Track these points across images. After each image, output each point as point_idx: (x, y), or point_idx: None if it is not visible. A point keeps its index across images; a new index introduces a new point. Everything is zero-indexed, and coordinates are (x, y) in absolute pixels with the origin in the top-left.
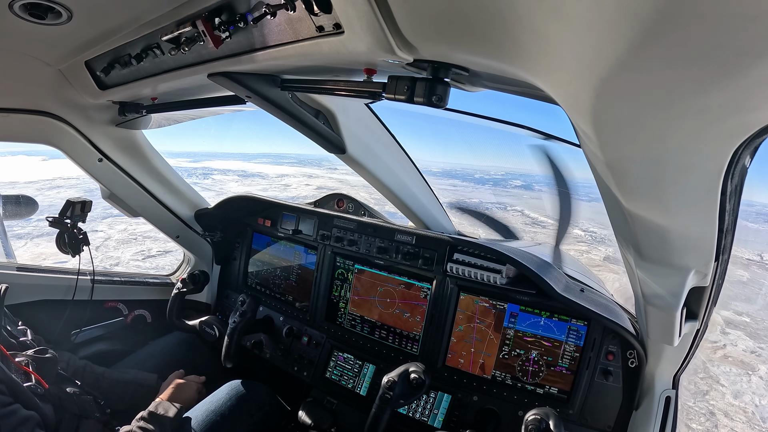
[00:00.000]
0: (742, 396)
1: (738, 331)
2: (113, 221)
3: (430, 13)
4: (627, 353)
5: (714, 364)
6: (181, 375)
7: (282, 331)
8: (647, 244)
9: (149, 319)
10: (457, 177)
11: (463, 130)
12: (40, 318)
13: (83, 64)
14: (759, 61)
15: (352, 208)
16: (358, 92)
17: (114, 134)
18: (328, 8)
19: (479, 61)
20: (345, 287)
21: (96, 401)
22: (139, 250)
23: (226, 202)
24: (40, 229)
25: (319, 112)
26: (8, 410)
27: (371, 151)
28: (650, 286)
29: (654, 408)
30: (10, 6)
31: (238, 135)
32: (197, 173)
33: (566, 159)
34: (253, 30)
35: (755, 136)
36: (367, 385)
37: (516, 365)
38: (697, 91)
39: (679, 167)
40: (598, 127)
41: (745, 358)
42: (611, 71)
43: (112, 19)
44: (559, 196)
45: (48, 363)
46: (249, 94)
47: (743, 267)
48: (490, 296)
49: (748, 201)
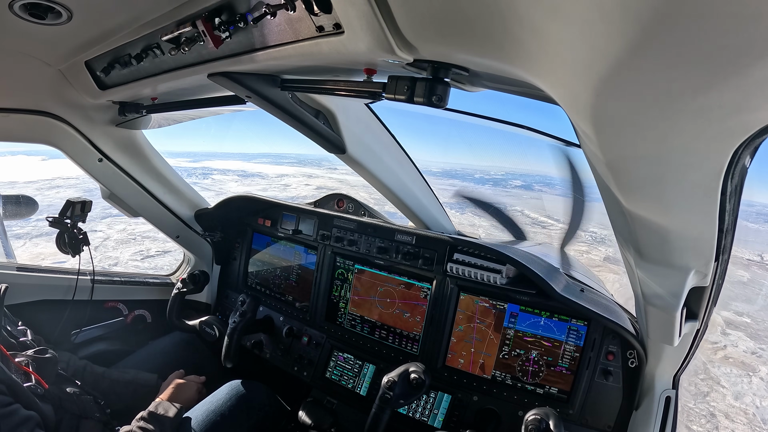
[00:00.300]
0: (743, 397)
1: (738, 332)
2: (112, 221)
3: (430, 13)
4: (627, 353)
5: (714, 365)
6: (181, 375)
7: (282, 331)
8: (647, 244)
9: (149, 319)
10: (457, 177)
11: (463, 130)
12: (40, 318)
13: (83, 64)
14: (759, 61)
15: (352, 208)
16: (358, 92)
17: (114, 134)
18: (328, 8)
19: (479, 61)
20: (345, 287)
21: (96, 401)
22: (137, 250)
23: (226, 202)
24: (39, 229)
25: (319, 112)
26: (8, 410)
27: (371, 151)
28: (650, 286)
29: (654, 408)
30: (10, 6)
31: (238, 135)
32: (197, 173)
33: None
34: (253, 30)
35: (755, 136)
36: (367, 385)
37: (516, 365)
38: (697, 91)
39: (679, 167)
40: (598, 127)
41: (746, 359)
42: (611, 71)
43: (112, 19)
44: (573, 201)
45: (48, 363)
46: (249, 94)
47: (744, 267)
48: (490, 296)
49: (748, 201)
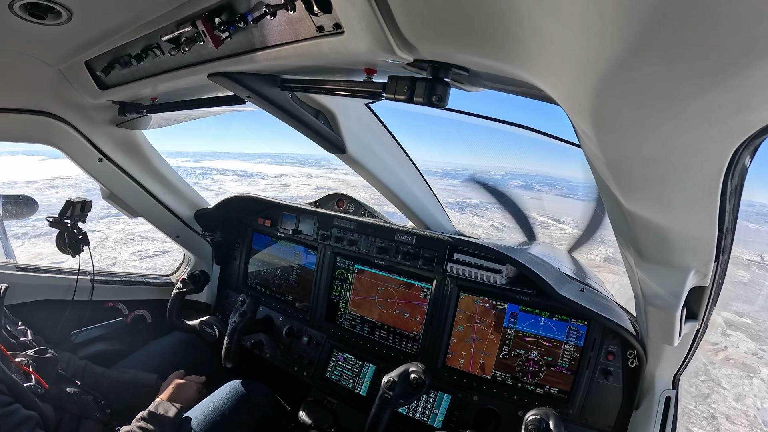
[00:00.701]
0: (744, 399)
1: (739, 332)
2: (111, 221)
3: (430, 13)
4: (627, 353)
5: (715, 366)
6: (181, 375)
7: (282, 331)
8: (647, 244)
9: (149, 319)
10: (457, 177)
11: (463, 130)
12: (40, 318)
13: (83, 64)
14: (759, 61)
15: (352, 208)
16: (358, 92)
17: (114, 134)
18: (328, 8)
19: (479, 61)
20: (345, 287)
21: (96, 401)
22: (136, 251)
23: (226, 202)
24: (37, 229)
25: (319, 112)
26: (8, 410)
27: (371, 151)
28: (650, 286)
29: (654, 408)
30: (10, 6)
31: (239, 135)
32: (196, 173)
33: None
34: (253, 30)
35: (755, 136)
36: (367, 385)
37: (516, 365)
38: (697, 91)
39: (679, 167)
40: (597, 127)
41: (747, 361)
42: (611, 71)
43: (112, 19)
44: (593, 214)
45: (48, 363)
46: (249, 94)
47: (744, 268)
48: (490, 296)
49: (749, 201)
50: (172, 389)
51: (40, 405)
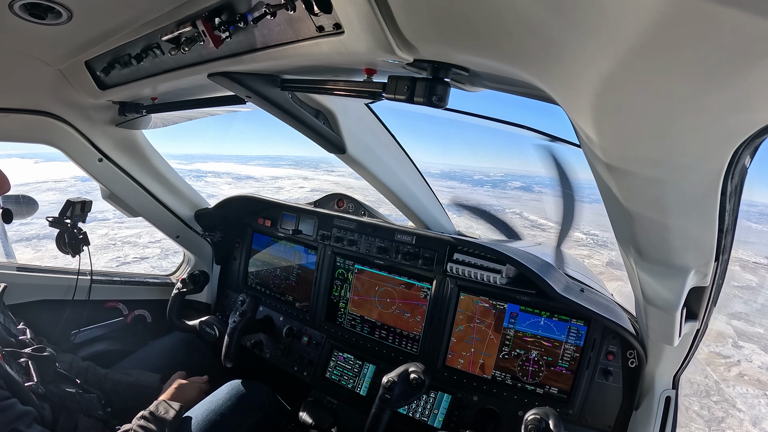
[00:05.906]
0: (762, 422)
1: (752, 344)
2: (96, 225)
3: (430, 13)
4: (627, 353)
5: (729, 384)
6: (184, 376)
7: (282, 331)
8: (647, 244)
9: (149, 319)
10: (456, 179)
11: (463, 130)
12: (40, 318)
13: (83, 64)
14: (759, 61)
15: (352, 208)
16: (358, 92)
17: (114, 134)
18: (328, 8)
19: (479, 61)
20: (345, 287)
21: (98, 399)
22: (115, 257)
23: (226, 202)
24: (32, 229)
25: (319, 112)
26: (5, 404)
27: (371, 151)
28: (650, 286)
29: (654, 408)
30: (10, 6)
31: (238, 137)
32: (191, 175)
33: (571, 160)
34: (253, 30)
35: (755, 136)
36: (367, 385)
37: (516, 365)
38: (697, 92)
39: (679, 167)
40: (598, 128)
41: (762, 377)
42: (611, 71)
43: (112, 19)
44: (563, 197)
45: (46, 361)
46: (249, 94)
47: (751, 271)
48: (490, 296)
49: (750, 201)
50: (174, 390)
51: (37, 402)
